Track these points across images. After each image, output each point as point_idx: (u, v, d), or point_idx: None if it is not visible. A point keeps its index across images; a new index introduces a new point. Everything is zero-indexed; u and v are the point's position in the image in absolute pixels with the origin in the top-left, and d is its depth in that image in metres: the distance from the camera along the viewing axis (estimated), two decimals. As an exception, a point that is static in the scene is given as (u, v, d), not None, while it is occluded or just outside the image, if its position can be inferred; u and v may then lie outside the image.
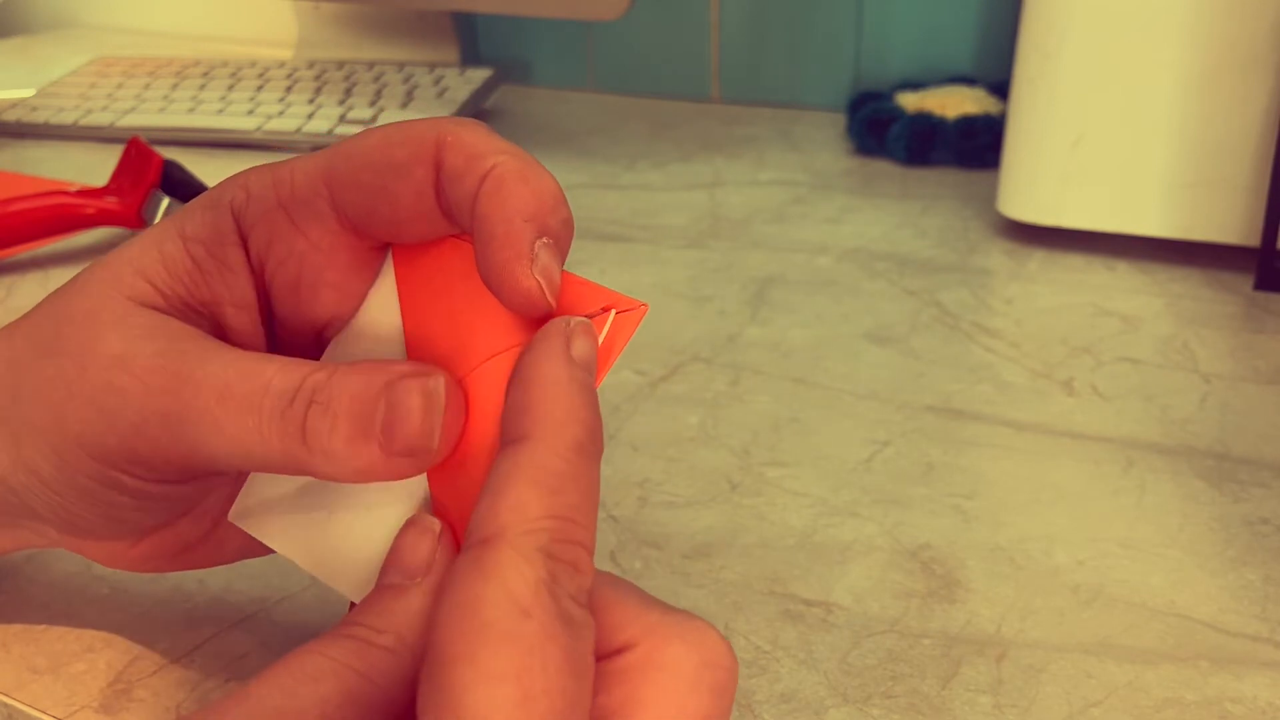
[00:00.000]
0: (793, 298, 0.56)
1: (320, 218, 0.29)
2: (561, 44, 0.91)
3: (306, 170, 0.29)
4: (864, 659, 0.34)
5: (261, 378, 0.26)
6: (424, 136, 0.27)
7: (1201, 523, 0.40)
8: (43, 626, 0.36)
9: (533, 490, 0.23)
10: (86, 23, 1.11)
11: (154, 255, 0.29)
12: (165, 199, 0.60)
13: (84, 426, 0.28)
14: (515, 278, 0.26)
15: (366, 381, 0.26)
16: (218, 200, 0.30)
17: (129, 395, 0.27)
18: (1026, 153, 0.59)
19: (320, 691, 0.23)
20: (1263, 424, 0.45)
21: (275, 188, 0.29)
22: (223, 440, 0.26)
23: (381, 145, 0.28)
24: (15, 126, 0.82)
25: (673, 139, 0.80)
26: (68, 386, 0.28)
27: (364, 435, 0.25)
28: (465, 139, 0.27)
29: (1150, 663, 0.34)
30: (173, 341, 0.27)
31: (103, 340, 0.28)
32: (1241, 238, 0.56)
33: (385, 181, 0.28)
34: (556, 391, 0.24)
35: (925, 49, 0.81)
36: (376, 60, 0.89)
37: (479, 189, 0.26)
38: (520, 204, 0.26)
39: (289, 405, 0.26)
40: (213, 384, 0.26)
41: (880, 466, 0.43)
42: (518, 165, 0.26)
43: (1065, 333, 0.52)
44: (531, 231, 0.26)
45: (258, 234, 0.29)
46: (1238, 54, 0.54)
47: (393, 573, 0.25)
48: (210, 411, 0.26)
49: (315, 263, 0.29)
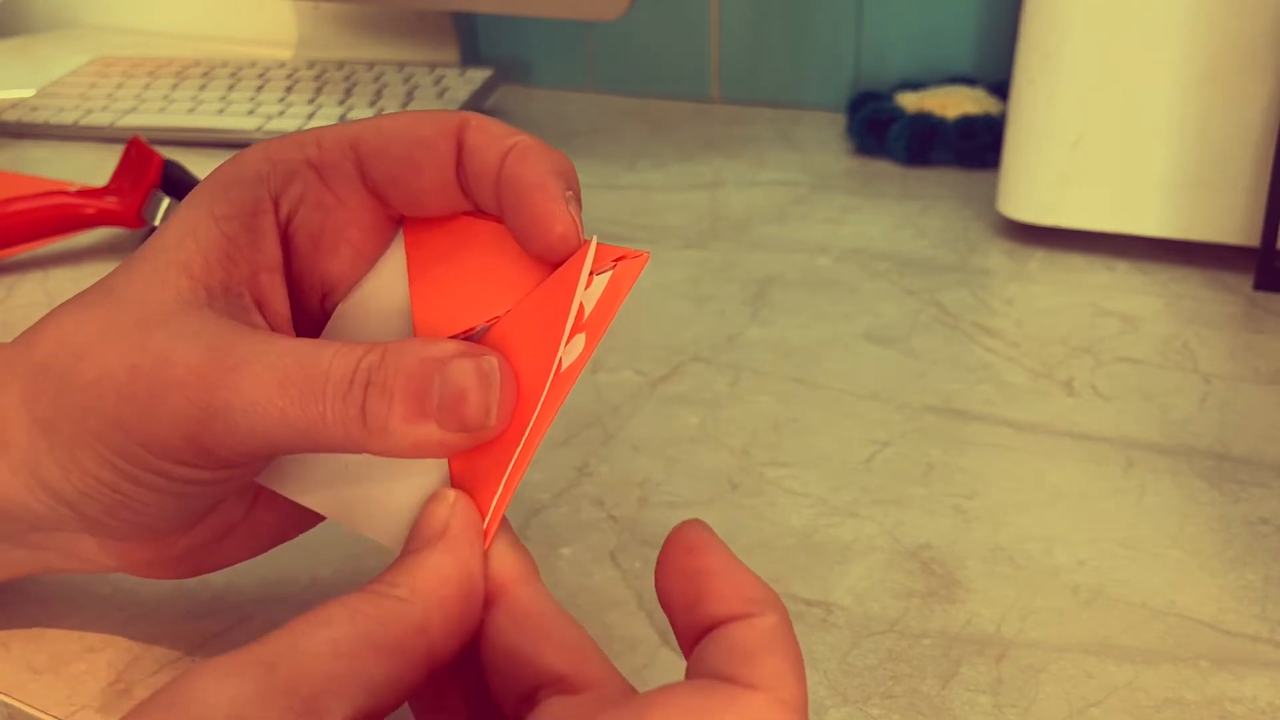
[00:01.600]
0: (793, 298, 0.56)
1: (348, 178, 0.31)
2: (561, 44, 0.91)
3: (333, 136, 0.31)
4: (864, 659, 0.34)
5: (319, 364, 0.27)
6: (449, 118, 0.30)
7: (1201, 523, 0.40)
8: (44, 626, 0.36)
9: (791, 668, 0.24)
10: (86, 23, 1.11)
11: (190, 245, 0.30)
12: (165, 199, 0.60)
13: (144, 428, 0.28)
14: (553, 216, 0.28)
15: (420, 360, 0.27)
16: (239, 176, 0.31)
17: (187, 392, 0.28)
18: (1026, 153, 0.59)
19: (332, 633, 0.24)
20: (1263, 424, 0.45)
21: (301, 149, 0.31)
22: (286, 428, 0.27)
23: (409, 123, 0.31)
24: (15, 126, 0.82)
25: (673, 139, 0.80)
26: (118, 389, 0.28)
27: (420, 413, 0.27)
28: (487, 124, 0.30)
29: (1150, 663, 0.34)
30: (221, 337, 0.28)
31: (152, 341, 0.28)
32: (1241, 238, 0.56)
33: (412, 153, 0.30)
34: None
35: (925, 49, 0.81)
36: (376, 60, 0.89)
37: (505, 158, 0.29)
38: (549, 163, 0.29)
39: (349, 388, 0.27)
40: (272, 375, 0.27)
41: (880, 466, 0.43)
42: (537, 143, 0.30)
43: (1065, 333, 0.52)
44: (561, 183, 0.29)
45: (290, 192, 0.31)
46: (1238, 54, 0.54)
47: (413, 539, 0.27)
48: (274, 401, 0.27)
49: (340, 218, 0.31)
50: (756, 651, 0.23)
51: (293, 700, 0.22)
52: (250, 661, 0.23)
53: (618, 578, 0.38)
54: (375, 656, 0.24)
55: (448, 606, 0.26)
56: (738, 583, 0.24)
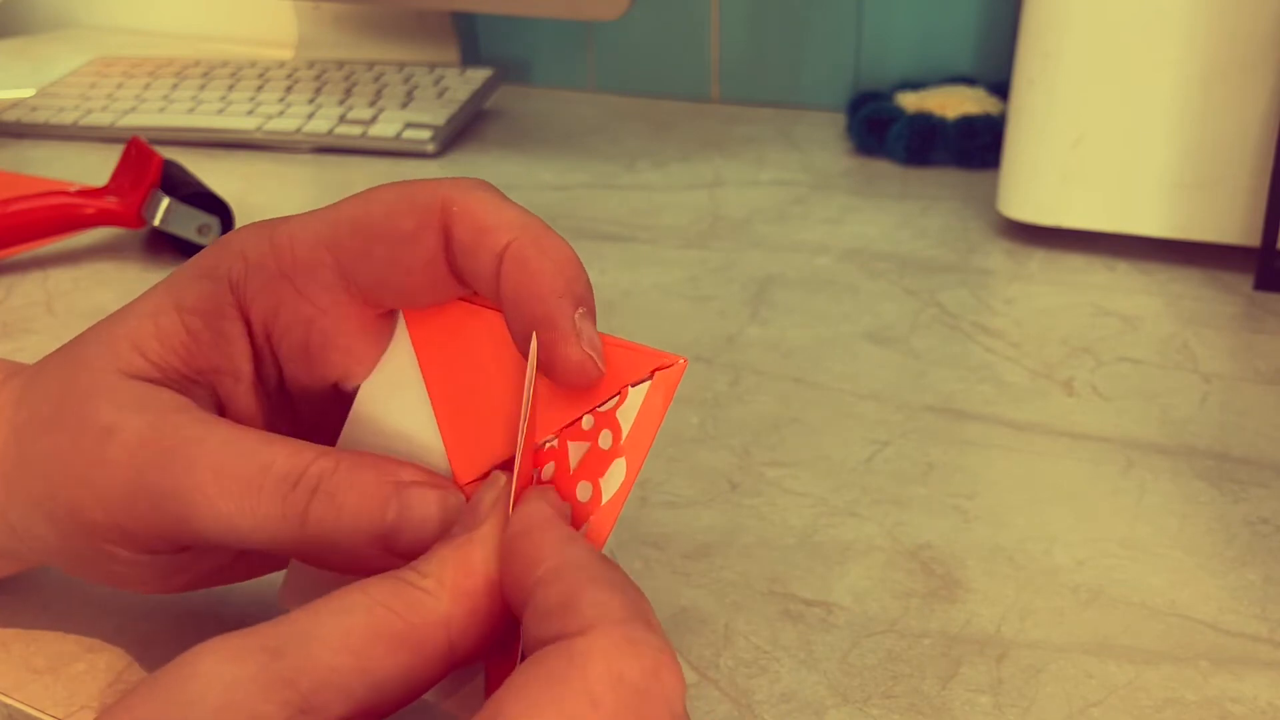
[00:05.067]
0: (793, 298, 0.56)
1: (326, 286, 0.29)
2: (561, 44, 0.91)
3: (306, 238, 0.29)
4: (864, 659, 0.34)
5: (260, 458, 0.26)
6: (429, 204, 0.28)
7: (1201, 523, 0.40)
8: (43, 626, 0.36)
9: (594, 586, 0.23)
10: (86, 23, 1.10)
11: (149, 328, 0.29)
12: (165, 199, 0.60)
13: (74, 500, 0.28)
14: (567, 357, 0.26)
15: (377, 480, 0.26)
16: (213, 270, 0.30)
17: (118, 469, 0.27)
18: (1026, 153, 0.59)
19: (346, 623, 0.23)
20: (1263, 424, 0.45)
21: (275, 255, 0.29)
22: (215, 518, 0.26)
23: (387, 216, 0.28)
24: (15, 126, 0.82)
25: (673, 139, 0.80)
26: (61, 459, 0.28)
27: (368, 531, 0.26)
28: (471, 207, 0.27)
29: (1150, 663, 0.34)
30: (165, 414, 0.27)
31: (96, 412, 0.28)
32: (1241, 238, 0.56)
33: (396, 254, 0.28)
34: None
35: (925, 49, 0.81)
36: (376, 60, 0.89)
37: (499, 268, 0.27)
38: (550, 281, 0.26)
39: (291, 490, 0.26)
40: (208, 461, 0.26)
41: (880, 466, 0.43)
42: (532, 237, 0.27)
43: (1065, 333, 0.52)
44: (569, 306, 0.26)
45: (261, 304, 0.29)
46: (1238, 54, 0.54)
47: (458, 526, 0.26)
48: (204, 489, 0.26)
49: (323, 327, 0.30)
50: (566, 599, 0.22)
51: (290, 693, 0.22)
52: (255, 646, 0.22)
53: (618, 578, 0.38)
54: (388, 650, 0.23)
55: (474, 601, 0.24)
56: (539, 544, 0.24)
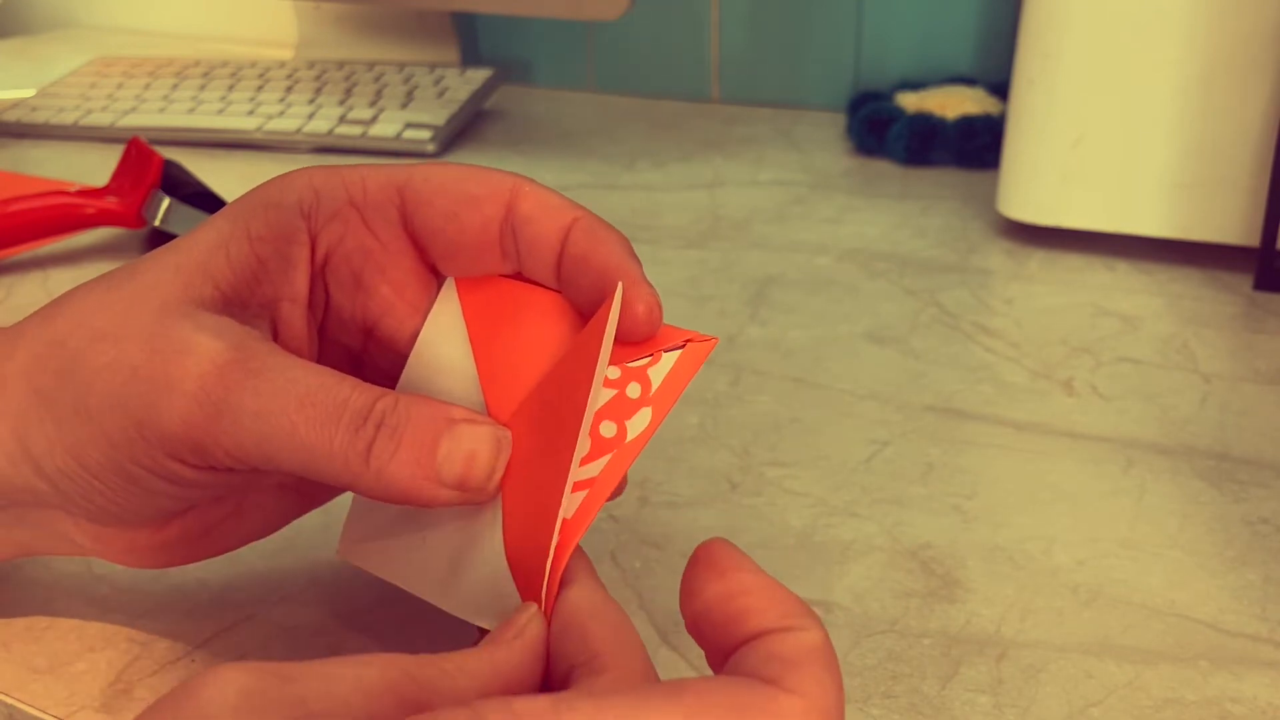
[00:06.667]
0: (793, 298, 0.56)
1: (390, 221, 0.31)
2: (561, 44, 0.91)
3: (379, 178, 0.31)
4: (864, 659, 0.34)
5: (340, 392, 0.28)
6: (501, 180, 0.31)
7: (1201, 523, 0.40)
8: (44, 626, 0.36)
9: (832, 679, 0.24)
10: (86, 23, 1.10)
11: (221, 258, 0.30)
12: (165, 199, 0.60)
13: (148, 412, 0.28)
14: (639, 299, 0.29)
15: (431, 415, 0.27)
16: (281, 200, 0.31)
17: (204, 381, 0.28)
18: (1026, 153, 0.59)
19: (363, 672, 0.23)
20: (1263, 424, 0.45)
21: (346, 188, 0.31)
22: (294, 444, 0.27)
23: (459, 177, 0.31)
24: (15, 126, 0.82)
25: (673, 139, 0.80)
26: (133, 370, 0.28)
27: (420, 464, 0.27)
28: (541, 193, 0.31)
29: (1150, 663, 0.34)
30: (246, 341, 0.28)
31: (175, 328, 0.28)
32: (1241, 238, 0.56)
33: (458, 208, 0.31)
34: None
35: (925, 49, 0.81)
36: (376, 60, 0.89)
37: (568, 234, 0.30)
38: (619, 244, 0.30)
39: (362, 423, 0.27)
40: (295, 390, 0.27)
41: (880, 466, 0.43)
42: (595, 218, 0.30)
43: (1065, 333, 0.52)
44: (639, 265, 0.30)
45: (331, 229, 0.31)
46: (1238, 54, 0.54)
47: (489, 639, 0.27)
48: (289, 414, 0.27)
49: (380, 261, 0.32)
50: (799, 660, 0.23)
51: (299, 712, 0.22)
52: (268, 670, 0.23)
53: (618, 577, 0.38)
54: (399, 707, 0.23)
55: (489, 692, 0.25)
56: (778, 599, 0.24)
